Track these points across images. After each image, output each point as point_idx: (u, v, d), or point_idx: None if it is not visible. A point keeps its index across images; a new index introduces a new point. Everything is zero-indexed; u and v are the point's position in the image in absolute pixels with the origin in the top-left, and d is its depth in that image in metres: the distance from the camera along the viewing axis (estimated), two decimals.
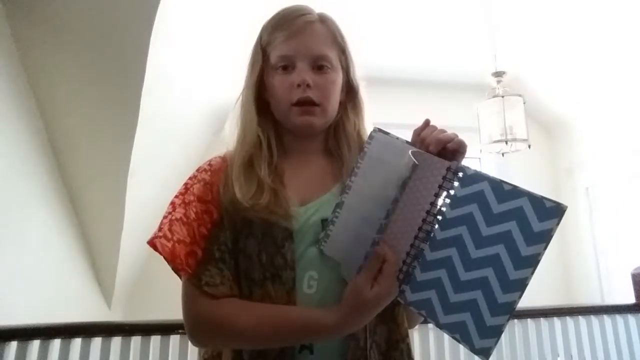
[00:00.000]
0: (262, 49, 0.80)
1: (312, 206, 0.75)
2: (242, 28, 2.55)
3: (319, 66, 0.77)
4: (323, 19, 0.81)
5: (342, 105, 0.83)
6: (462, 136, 0.74)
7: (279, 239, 0.71)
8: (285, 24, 0.77)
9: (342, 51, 0.81)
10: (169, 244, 0.70)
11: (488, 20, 2.82)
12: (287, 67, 0.77)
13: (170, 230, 0.71)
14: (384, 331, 0.73)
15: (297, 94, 0.75)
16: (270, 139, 0.79)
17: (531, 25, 3.15)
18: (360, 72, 0.86)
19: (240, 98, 0.82)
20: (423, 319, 0.67)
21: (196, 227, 0.73)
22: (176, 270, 0.72)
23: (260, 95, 0.80)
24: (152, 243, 0.70)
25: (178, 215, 0.72)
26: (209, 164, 0.81)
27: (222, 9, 2.34)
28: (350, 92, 0.84)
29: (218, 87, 2.98)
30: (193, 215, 0.73)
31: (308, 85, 0.75)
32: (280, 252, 0.71)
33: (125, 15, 1.81)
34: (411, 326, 0.81)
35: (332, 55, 0.79)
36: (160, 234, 0.71)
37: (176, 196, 0.76)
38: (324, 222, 0.73)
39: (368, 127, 0.84)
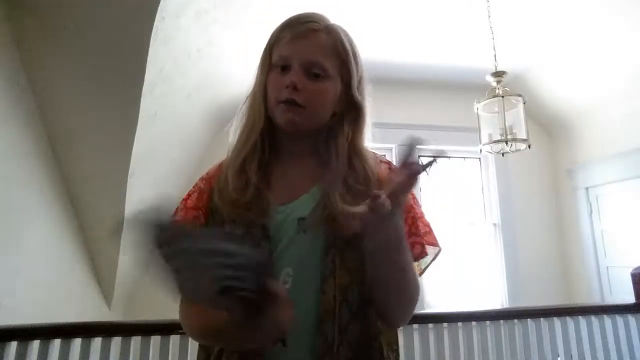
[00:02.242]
0: (270, 49, 0.83)
1: (290, 206, 0.78)
2: (242, 28, 2.55)
3: (313, 73, 0.79)
4: (329, 30, 0.82)
5: (338, 117, 0.83)
6: (462, 136, 0.74)
7: (257, 238, 0.75)
8: (292, 27, 0.80)
9: (343, 63, 0.81)
10: None
11: (488, 20, 2.82)
12: (285, 68, 0.79)
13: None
14: (357, 329, 0.74)
15: (284, 94, 0.78)
16: (265, 139, 0.82)
17: (531, 25, 3.15)
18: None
19: (249, 97, 0.85)
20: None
21: (190, 214, 0.81)
22: None
23: (266, 96, 0.83)
24: None
25: (178, 218, 0.81)
26: (207, 173, 0.88)
27: (222, 9, 2.34)
28: (350, 104, 0.84)
29: (218, 87, 2.98)
30: (190, 221, 0.81)
31: (295, 88, 0.77)
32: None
33: (125, 15, 1.81)
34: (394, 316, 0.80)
35: (328, 65, 0.79)
36: None
37: (180, 201, 0.85)
38: (300, 221, 0.76)
39: (367, 144, 0.86)
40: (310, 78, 0.78)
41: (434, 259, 0.84)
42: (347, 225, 0.67)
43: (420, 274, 0.85)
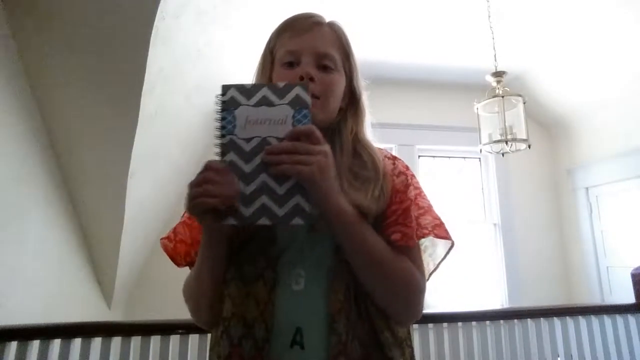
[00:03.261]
0: (270, 52, 0.82)
1: None
2: (242, 28, 2.55)
3: (323, 66, 0.78)
4: (331, 24, 0.83)
5: (342, 111, 0.84)
6: (462, 136, 0.74)
7: (264, 242, 0.76)
8: (294, 25, 0.80)
9: (347, 57, 0.83)
10: (171, 244, 0.82)
11: (488, 20, 2.82)
12: (292, 63, 0.78)
13: (174, 232, 0.84)
14: (364, 326, 0.74)
15: None
16: None
17: (531, 25, 3.15)
18: (361, 71, 0.87)
19: None
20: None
21: (196, 232, 0.81)
22: (177, 265, 0.84)
23: None
24: (161, 243, 0.84)
25: (184, 219, 0.85)
26: None
27: (222, 9, 2.34)
28: (352, 99, 0.85)
29: (218, 87, 2.98)
30: (195, 226, 0.82)
31: (311, 79, 0.75)
32: (263, 254, 0.75)
33: (125, 15, 1.81)
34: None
35: (337, 57, 0.80)
36: (166, 235, 0.84)
37: None
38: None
39: (369, 134, 0.86)
40: (321, 70, 0.78)
41: (447, 253, 0.83)
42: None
43: (434, 270, 0.84)
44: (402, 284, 0.74)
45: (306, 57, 0.77)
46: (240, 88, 0.69)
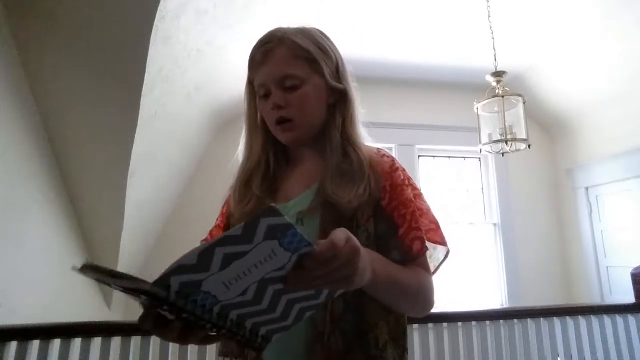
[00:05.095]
0: (250, 82, 0.89)
1: (292, 203, 0.83)
2: (242, 27, 2.55)
3: (289, 87, 0.82)
4: (282, 41, 0.83)
5: (331, 109, 0.87)
6: (462, 136, 0.74)
7: None
8: (254, 58, 0.85)
9: (313, 61, 0.83)
10: None
11: (488, 20, 2.82)
12: (267, 94, 0.84)
13: (211, 234, 0.94)
14: (351, 320, 0.75)
15: (274, 115, 0.84)
16: (269, 155, 0.89)
17: (531, 25, 3.15)
18: (360, 71, 0.88)
19: (246, 124, 0.91)
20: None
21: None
22: None
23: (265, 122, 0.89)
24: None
25: (217, 222, 0.95)
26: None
27: (222, 9, 2.34)
28: (337, 94, 0.87)
29: (218, 87, 2.98)
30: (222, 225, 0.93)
31: (279, 107, 0.82)
32: None
33: (125, 15, 1.81)
34: (394, 305, 0.79)
35: (298, 71, 0.82)
36: (206, 237, 0.94)
37: (221, 207, 0.97)
38: (300, 214, 0.80)
39: (360, 127, 0.89)
40: (289, 92, 0.82)
41: (445, 259, 0.86)
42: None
43: (433, 272, 0.85)
44: (420, 296, 0.79)
45: (272, 86, 0.83)
46: (184, 270, 0.49)
